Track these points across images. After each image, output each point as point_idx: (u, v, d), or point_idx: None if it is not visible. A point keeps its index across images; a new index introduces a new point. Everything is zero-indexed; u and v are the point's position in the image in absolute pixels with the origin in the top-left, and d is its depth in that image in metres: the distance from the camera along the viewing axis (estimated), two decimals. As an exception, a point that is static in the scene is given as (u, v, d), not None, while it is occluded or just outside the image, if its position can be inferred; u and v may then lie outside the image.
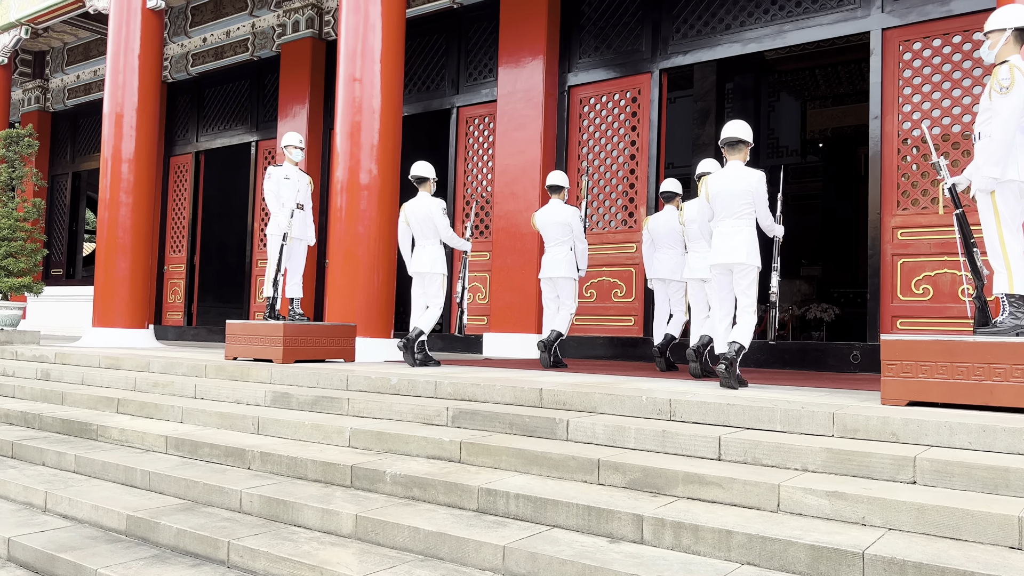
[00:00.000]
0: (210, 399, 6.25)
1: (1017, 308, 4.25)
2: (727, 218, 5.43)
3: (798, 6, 8.55)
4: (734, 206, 5.39)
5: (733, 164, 5.48)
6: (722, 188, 5.43)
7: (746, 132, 5.47)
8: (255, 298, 13.08)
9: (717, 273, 5.52)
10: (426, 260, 7.19)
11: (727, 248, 5.38)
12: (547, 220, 7.50)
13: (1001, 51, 4.42)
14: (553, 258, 7.44)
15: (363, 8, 8.13)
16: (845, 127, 15.38)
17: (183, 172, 14.74)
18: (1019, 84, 4.24)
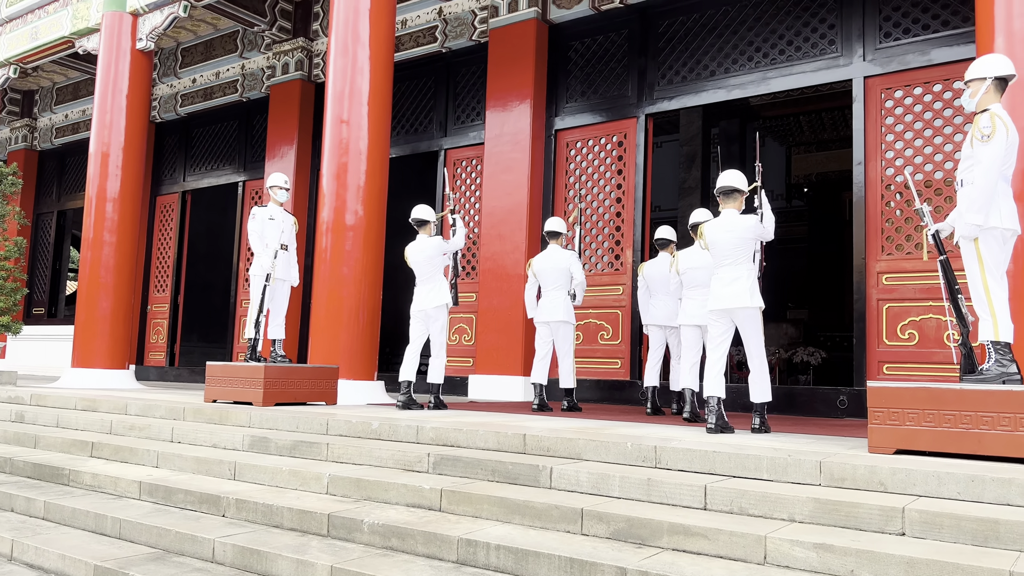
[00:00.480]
0: (187, 443, 6.12)
1: (1003, 355, 4.23)
2: (726, 265, 5.47)
3: (782, 54, 8.68)
4: (732, 253, 5.43)
5: (728, 212, 5.53)
6: (719, 236, 5.48)
7: (741, 181, 5.54)
8: (239, 339, 12.95)
9: (715, 319, 5.50)
10: (431, 296, 7.14)
11: (729, 293, 5.38)
12: (546, 266, 7.56)
13: (982, 100, 4.46)
14: (552, 302, 7.49)
15: (351, 51, 8.19)
16: (830, 172, 15.57)
17: (169, 211, 14.70)
18: (1000, 132, 4.27)
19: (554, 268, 7.49)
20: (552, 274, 7.50)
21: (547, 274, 7.54)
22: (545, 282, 7.57)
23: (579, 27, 10.10)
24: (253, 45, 13.20)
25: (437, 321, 7.15)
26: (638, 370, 9.29)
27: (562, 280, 7.48)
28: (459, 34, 10.95)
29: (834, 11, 8.37)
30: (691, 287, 6.60)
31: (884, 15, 8.04)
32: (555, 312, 7.45)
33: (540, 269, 7.59)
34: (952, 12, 7.67)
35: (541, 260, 7.63)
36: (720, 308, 5.43)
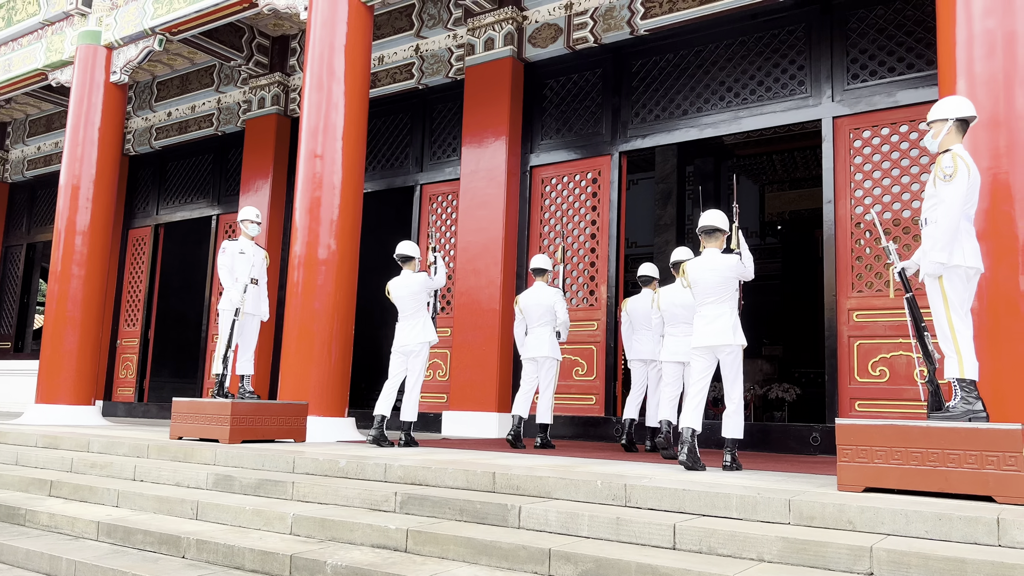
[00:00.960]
0: (150, 481, 5.99)
1: (968, 393, 4.25)
2: (709, 303, 5.54)
3: (752, 94, 8.83)
4: (715, 291, 5.51)
5: (710, 251, 5.62)
6: (702, 275, 5.55)
7: (723, 221, 5.64)
8: (209, 374, 12.77)
9: (699, 356, 5.56)
10: (415, 333, 7.12)
11: (712, 331, 5.45)
12: (531, 302, 7.66)
13: (944, 140, 4.54)
14: (538, 339, 7.60)
15: (326, 86, 8.22)
16: (802, 210, 15.78)
17: (142, 245, 14.56)
18: (962, 172, 4.35)
19: (539, 305, 7.60)
20: (537, 310, 7.60)
21: (533, 310, 7.64)
22: (531, 318, 7.67)
23: (554, 66, 10.23)
24: (230, 79, 13.22)
25: (419, 357, 7.16)
26: (613, 406, 9.26)
27: (548, 317, 7.60)
28: (436, 71, 11.04)
29: (803, 53, 8.55)
30: (673, 324, 6.66)
31: (851, 57, 8.22)
32: (540, 348, 7.55)
33: (526, 305, 7.69)
34: (916, 55, 7.86)
35: (527, 297, 7.73)
36: (704, 345, 5.49)
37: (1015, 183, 4.99)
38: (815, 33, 8.47)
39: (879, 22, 8.10)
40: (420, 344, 7.13)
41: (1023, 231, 4.95)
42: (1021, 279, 4.92)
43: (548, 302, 7.57)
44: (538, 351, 7.54)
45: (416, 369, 7.17)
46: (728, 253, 5.63)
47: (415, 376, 7.16)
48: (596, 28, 9.65)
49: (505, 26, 10.08)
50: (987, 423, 4.03)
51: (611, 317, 9.34)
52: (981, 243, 4.60)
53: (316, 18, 8.44)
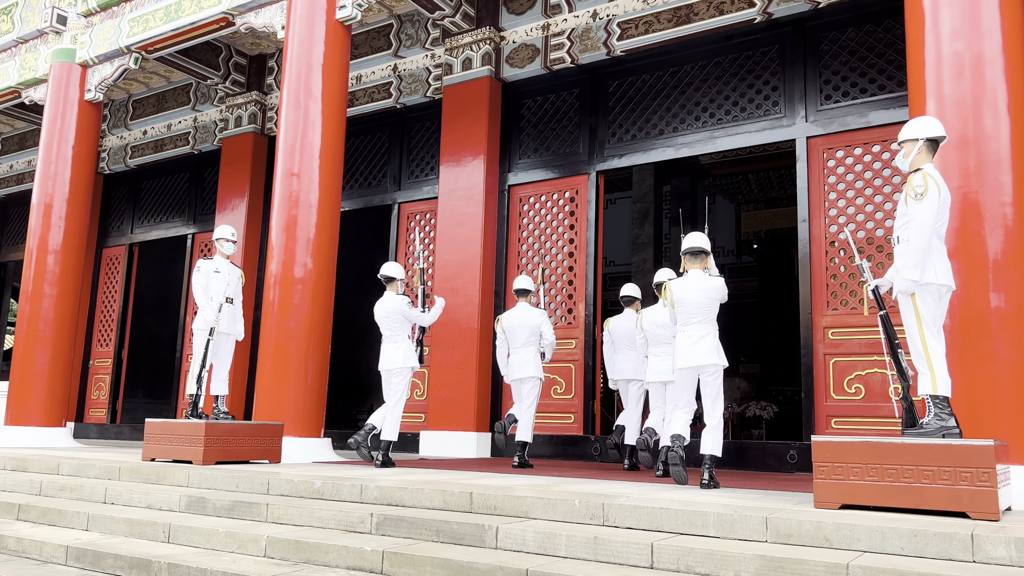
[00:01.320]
0: (121, 504, 5.88)
1: (941, 409, 4.29)
2: (693, 323, 5.64)
3: (727, 114, 8.93)
4: (700, 312, 5.62)
5: (695, 272, 5.73)
6: (687, 295, 5.65)
7: (707, 243, 5.81)
8: (183, 394, 12.60)
9: (684, 376, 5.69)
10: (395, 356, 7.17)
11: (696, 351, 5.58)
12: (515, 323, 7.68)
13: (915, 160, 4.61)
14: (521, 359, 7.63)
15: (303, 105, 8.21)
16: (778, 229, 15.94)
17: (115, 264, 14.40)
18: (932, 191, 4.41)
19: (523, 325, 7.63)
20: (522, 331, 7.63)
21: (516, 331, 7.66)
22: (514, 339, 7.68)
23: (531, 86, 10.29)
24: (206, 98, 13.18)
25: (398, 379, 7.17)
26: (591, 425, 9.25)
27: (532, 338, 7.64)
28: (413, 90, 11.07)
29: (777, 74, 8.67)
30: (656, 344, 6.75)
31: (824, 79, 8.34)
32: (525, 368, 7.58)
33: (510, 326, 7.71)
34: (888, 77, 7.99)
35: (510, 317, 7.75)
36: (689, 366, 5.61)
37: (984, 202, 5.08)
38: (789, 55, 8.60)
39: (851, 44, 8.24)
40: (399, 368, 7.14)
41: (993, 249, 5.02)
42: (992, 296, 4.98)
43: (533, 323, 7.61)
44: (523, 372, 7.57)
45: (395, 391, 7.17)
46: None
47: (394, 398, 7.16)
48: (573, 49, 9.74)
49: (483, 46, 10.14)
50: (960, 439, 4.07)
51: (589, 336, 9.35)
52: (952, 261, 4.67)
53: (293, 37, 8.45)
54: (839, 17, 8.30)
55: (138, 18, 10.25)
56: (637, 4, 9.32)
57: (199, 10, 9.60)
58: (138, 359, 14.35)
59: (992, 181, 5.08)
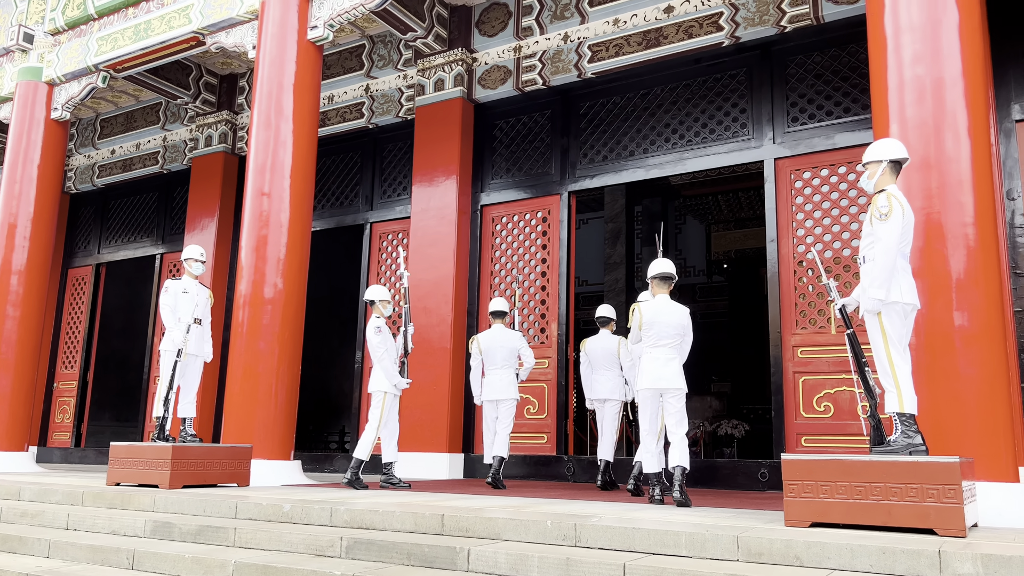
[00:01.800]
0: (84, 530, 5.74)
1: (908, 427, 4.34)
2: (662, 346, 5.81)
3: (697, 136, 9.04)
4: (669, 335, 5.81)
5: (663, 297, 5.94)
6: (657, 318, 5.81)
7: (674, 269, 6.04)
8: (151, 417, 12.39)
9: (647, 396, 5.86)
10: (372, 379, 7.31)
11: (664, 374, 5.75)
12: (493, 344, 7.69)
13: (879, 181, 4.69)
14: (500, 380, 7.64)
15: (274, 124, 8.18)
16: (747, 249, 16.13)
17: (82, 285, 14.17)
18: (896, 211, 4.49)
19: (501, 347, 7.66)
20: (499, 352, 7.65)
21: (494, 352, 7.68)
22: (492, 361, 7.70)
23: (504, 107, 10.35)
24: (176, 117, 13.08)
25: (374, 400, 7.23)
26: (565, 445, 9.24)
27: (510, 360, 7.67)
28: (386, 111, 11.08)
29: (745, 96, 8.81)
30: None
31: (791, 101, 8.49)
32: (503, 391, 7.60)
33: (487, 347, 7.72)
34: (852, 100, 8.15)
35: (487, 338, 7.76)
36: (655, 387, 5.78)
37: (947, 222, 5.17)
38: (756, 78, 8.74)
39: (816, 68, 8.40)
40: (373, 391, 7.24)
41: (956, 269, 5.11)
42: (955, 315, 5.07)
43: (512, 345, 7.67)
44: (502, 393, 7.60)
45: (371, 414, 7.21)
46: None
47: (371, 420, 7.19)
48: (544, 71, 9.82)
49: (455, 67, 10.19)
50: (926, 456, 4.11)
51: (562, 355, 9.36)
52: (916, 280, 4.74)
53: (264, 57, 8.43)
54: (805, 41, 8.47)
55: (107, 36, 10.17)
56: (607, 27, 9.43)
57: (169, 29, 9.55)
58: (104, 381, 14.10)
59: (954, 202, 5.18)
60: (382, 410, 7.17)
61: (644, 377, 5.81)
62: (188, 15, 9.39)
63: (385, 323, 7.29)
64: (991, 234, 5.17)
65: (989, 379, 4.96)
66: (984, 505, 4.65)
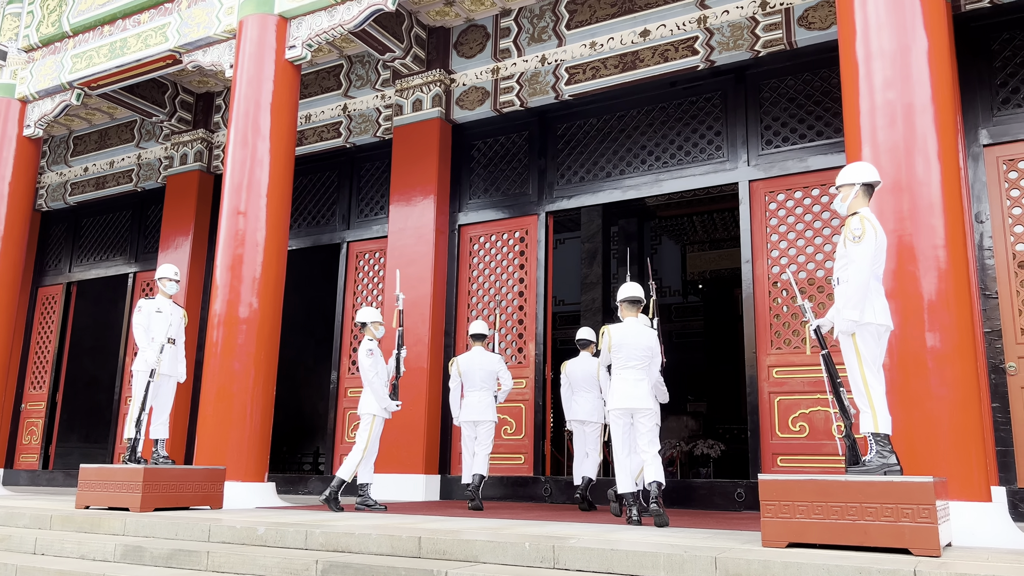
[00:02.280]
0: (52, 555, 5.62)
1: (883, 447, 4.38)
2: (631, 367, 5.99)
3: (672, 158, 9.14)
4: (637, 356, 5.99)
5: (632, 320, 6.14)
6: (626, 340, 6.00)
7: (641, 292, 6.24)
8: (121, 439, 12.18)
9: (618, 416, 6.00)
10: (361, 401, 7.30)
11: (635, 394, 5.92)
12: (473, 366, 7.82)
13: (852, 203, 4.76)
14: (479, 402, 7.77)
15: (251, 143, 8.15)
16: (722, 269, 16.28)
17: (52, 303, 13.95)
18: (869, 234, 4.56)
19: (480, 369, 7.79)
20: (479, 374, 7.78)
21: (473, 375, 7.80)
22: (471, 383, 7.81)
23: (481, 127, 10.40)
24: (151, 135, 12.99)
25: (362, 423, 7.24)
26: (542, 465, 9.21)
27: (489, 382, 7.80)
28: (363, 130, 11.09)
29: (720, 119, 8.92)
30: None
31: (765, 124, 8.62)
32: (484, 412, 7.73)
33: (467, 369, 7.83)
34: (825, 124, 8.29)
35: (468, 361, 7.88)
36: (627, 407, 5.93)
37: (918, 244, 5.26)
38: (731, 101, 8.86)
39: (790, 92, 8.54)
40: (362, 413, 7.26)
41: (927, 290, 5.19)
42: (927, 336, 5.14)
43: (491, 368, 7.81)
44: (481, 415, 7.71)
45: (359, 436, 7.21)
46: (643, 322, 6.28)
47: (358, 442, 7.18)
48: (522, 92, 9.89)
49: (433, 88, 10.23)
50: (901, 476, 4.15)
51: (539, 375, 9.35)
52: (889, 301, 4.80)
53: (242, 76, 8.41)
54: (778, 66, 8.61)
55: (81, 54, 10.10)
56: (584, 50, 9.53)
57: (145, 47, 9.50)
58: (73, 402, 13.86)
59: (925, 225, 5.27)
60: (370, 432, 7.18)
61: (615, 398, 5.97)
62: (165, 33, 9.35)
63: (377, 345, 7.29)
64: (961, 256, 5.27)
65: (961, 399, 5.03)
66: (957, 524, 4.69)
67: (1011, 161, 7.36)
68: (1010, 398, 6.99)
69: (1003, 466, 6.84)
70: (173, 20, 9.33)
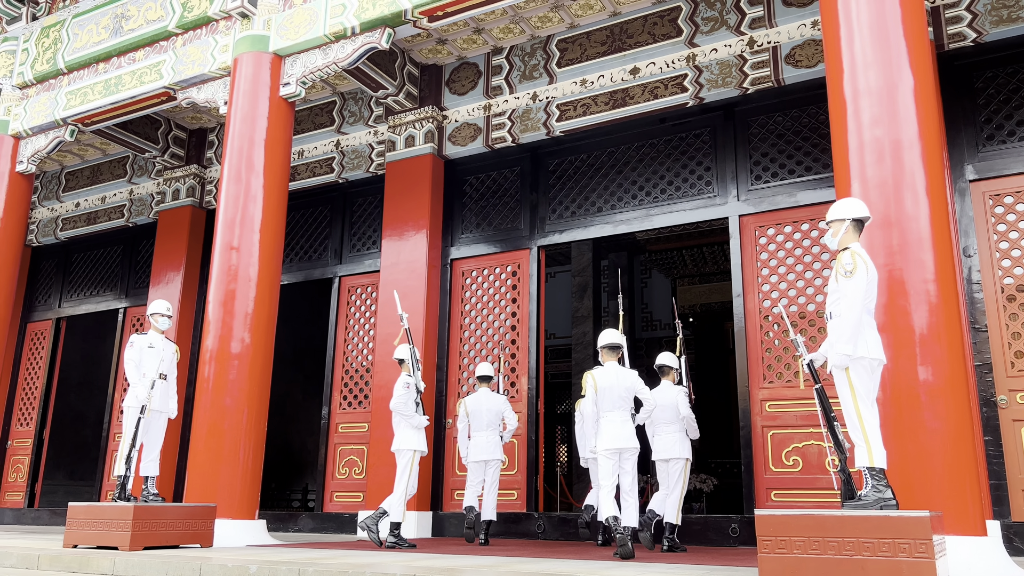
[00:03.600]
0: (38, 596, 5.51)
1: (878, 481, 4.38)
2: (615, 410, 6.53)
3: (663, 193, 9.22)
4: (619, 400, 6.52)
5: (612, 364, 6.67)
6: (609, 383, 6.54)
7: (622, 339, 6.78)
8: (109, 476, 12.03)
9: (608, 455, 6.49)
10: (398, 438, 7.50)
11: (622, 435, 6.47)
12: (480, 407, 8.03)
13: (843, 239, 4.82)
14: (487, 441, 7.96)
15: (244, 179, 8.18)
16: (713, 303, 16.33)
17: (40, 339, 13.84)
18: (861, 268, 4.60)
19: (489, 411, 7.99)
20: (485, 416, 7.98)
21: (480, 416, 8.00)
22: (477, 423, 8.01)
23: (473, 163, 10.48)
24: (143, 171, 13.02)
25: (400, 460, 7.42)
26: (535, 501, 9.13)
27: (495, 422, 8.00)
28: (356, 166, 11.15)
29: (709, 155, 9.03)
30: (660, 424, 7.11)
31: (754, 160, 8.72)
32: (490, 451, 7.92)
33: (475, 410, 8.04)
34: (813, 159, 8.40)
35: (475, 402, 8.10)
36: (614, 447, 6.45)
37: (909, 279, 5.31)
38: (720, 137, 8.98)
39: (778, 128, 8.67)
40: (398, 450, 7.47)
41: (919, 324, 5.23)
42: (920, 370, 5.17)
43: (497, 408, 8.02)
44: (489, 454, 7.91)
45: (399, 473, 7.39)
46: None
47: (399, 479, 7.37)
48: (514, 129, 9.99)
49: (425, 124, 10.32)
50: (897, 511, 4.14)
51: (532, 409, 9.31)
52: (881, 335, 4.84)
53: (236, 113, 8.47)
54: (766, 103, 8.75)
55: (76, 91, 10.15)
56: (575, 87, 9.66)
57: (140, 84, 9.57)
58: (60, 439, 13.70)
59: (915, 259, 5.32)
60: (410, 469, 7.40)
61: (604, 438, 6.50)
62: (160, 71, 9.43)
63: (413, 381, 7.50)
64: (951, 290, 5.32)
65: (955, 433, 5.05)
66: (954, 559, 4.68)
67: (997, 196, 7.47)
68: (1002, 431, 7.01)
69: (996, 500, 6.84)
70: (168, 58, 9.41)
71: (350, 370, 10.69)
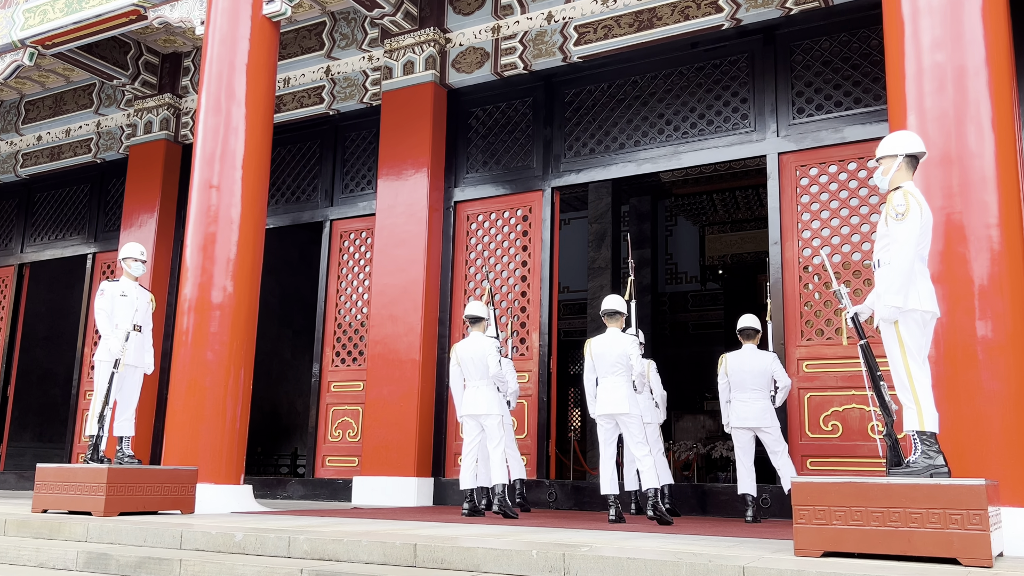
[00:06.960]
0: (7, 563, 5.62)
1: (929, 447, 4.38)
2: (609, 375, 6.98)
3: (693, 127, 9.11)
4: (614, 365, 6.94)
5: (612, 331, 7.07)
6: (604, 350, 7.00)
7: (622, 305, 7.16)
8: (80, 437, 12.20)
9: (603, 421, 7.04)
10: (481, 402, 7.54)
11: (613, 400, 6.89)
12: (470, 354, 7.58)
13: (894, 177, 4.74)
14: (479, 394, 7.51)
15: (225, 108, 8.11)
16: (745, 253, 16.27)
17: (1, 288, 13.93)
18: (914, 210, 4.54)
19: (477, 357, 7.53)
20: (477, 364, 7.52)
21: (471, 364, 7.57)
22: (469, 372, 7.60)
23: (480, 93, 10.36)
24: (112, 100, 12.93)
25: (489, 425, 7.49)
26: (547, 468, 9.22)
27: (486, 370, 7.49)
28: (348, 96, 11.04)
29: (746, 85, 8.89)
30: (740, 390, 7.41)
31: (797, 91, 8.58)
32: (479, 405, 7.45)
33: (464, 358, 7.62)
34: (864, 90, 8.26)
35: (465, 348, 7.67)
36: (610, 413, 6.91)
37: (969, 223, 5.25)
38: (758, 64, 8.83)
39: (824, 54, 8.51)
40: (484, 414, 7.48)
41: (979, 274, 5.19)
42: (978, 324, 5.14)
43: (484, 354, 7.49)
44: (476, 408, 7.46)
45: (490, 444, 7.48)
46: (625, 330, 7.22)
47: (494, 446, 7.45)
48: (526, 54, 9.84)
49: (426, 49, 10.18)
50: (949, 479, 4.16)
51: (544, 369, 9.35)
52: (936, 286, 4.79)
53: (214, 34, 8.36)
54: (812, 25, 8.57)
55: (34, 8, 10.03)
56: (596, 6, 9.48)
57: (106, 1, 9.44)
58: (26, 398, 13.88)
59: (977, 201, 5.26)
60: (502, 431, 7.52)
61: (599, 404, 6.98)
62: (128, -14, 9.29)
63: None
64: (1017, 236, 5.26)
65: (1015, 395, 5.03)
66: (1010, 532, 4.71)
67: (1070, 132, 7.35)
68: (1066, 395, 7.00)
69: (1057, 470, 6.86)
70: (137, -29, 9.27)
71: (343, 324, 10.73)
